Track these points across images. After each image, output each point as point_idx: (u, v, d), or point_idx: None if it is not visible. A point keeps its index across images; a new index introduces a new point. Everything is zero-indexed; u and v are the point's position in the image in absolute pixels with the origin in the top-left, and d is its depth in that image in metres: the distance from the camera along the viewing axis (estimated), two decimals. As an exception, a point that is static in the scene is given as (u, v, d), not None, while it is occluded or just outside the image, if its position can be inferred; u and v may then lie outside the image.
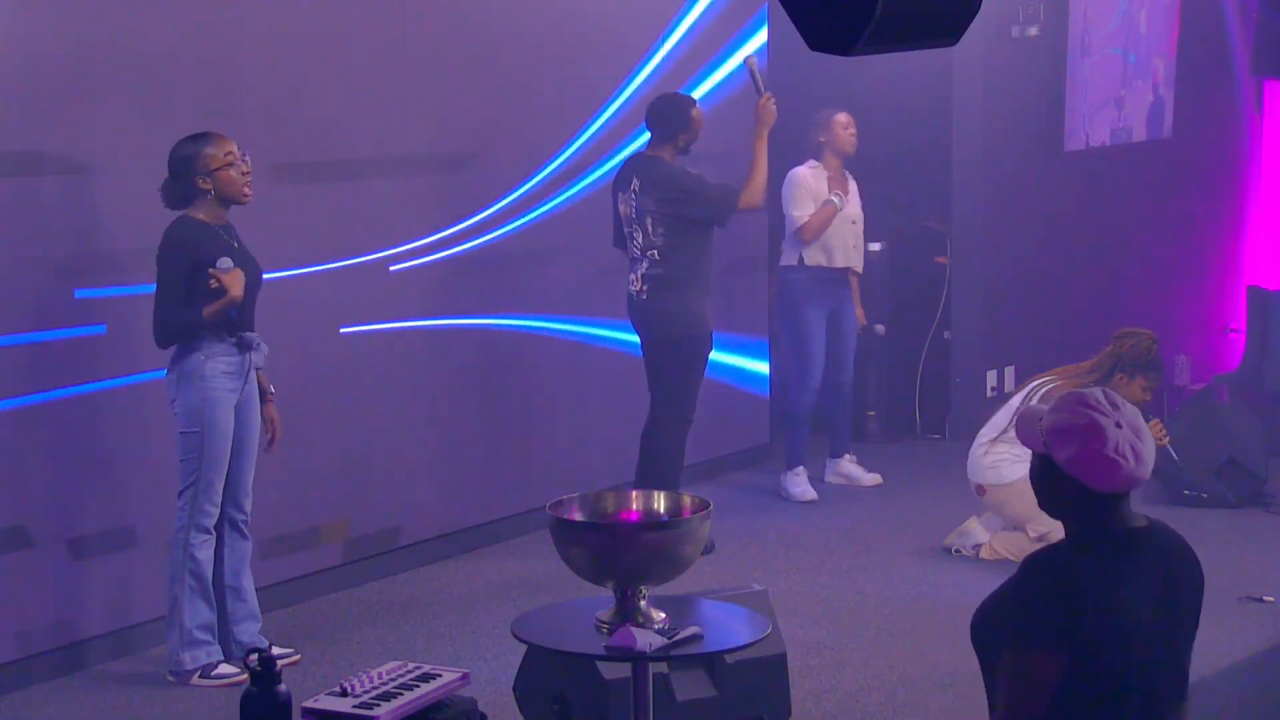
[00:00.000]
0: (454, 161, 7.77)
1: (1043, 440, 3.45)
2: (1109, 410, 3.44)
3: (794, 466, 8.92)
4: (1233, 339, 11.05)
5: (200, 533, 6.20)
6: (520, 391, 8.01)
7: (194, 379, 6.13)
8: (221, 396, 6.16)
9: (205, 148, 6.11)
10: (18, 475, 6.25)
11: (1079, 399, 3.47)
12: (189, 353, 6.14)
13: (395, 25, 7.42)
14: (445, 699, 5.04)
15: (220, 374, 6.16)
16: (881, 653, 6.66)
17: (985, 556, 7.79)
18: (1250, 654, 6.63)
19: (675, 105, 7.78)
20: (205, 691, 6.22)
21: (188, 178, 6.11)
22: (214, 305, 6.08)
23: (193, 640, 6.24)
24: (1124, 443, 3.40)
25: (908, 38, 3.54)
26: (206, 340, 6.13)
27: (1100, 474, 3.41)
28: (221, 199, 6.16)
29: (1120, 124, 10.40)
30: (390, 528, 7.58)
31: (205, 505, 6.20)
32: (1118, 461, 3.39)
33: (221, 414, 6.17)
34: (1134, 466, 3.41)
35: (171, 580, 6.23)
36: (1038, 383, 7.59)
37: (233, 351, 6.19)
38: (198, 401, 6.14)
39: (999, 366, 10.05)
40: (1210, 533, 8.06)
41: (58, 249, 6.34)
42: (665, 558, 4.57)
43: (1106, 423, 3.42)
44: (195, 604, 6.22)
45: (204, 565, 6.22)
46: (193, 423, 6.15)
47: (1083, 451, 3.40)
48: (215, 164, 6.11)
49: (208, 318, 6.08)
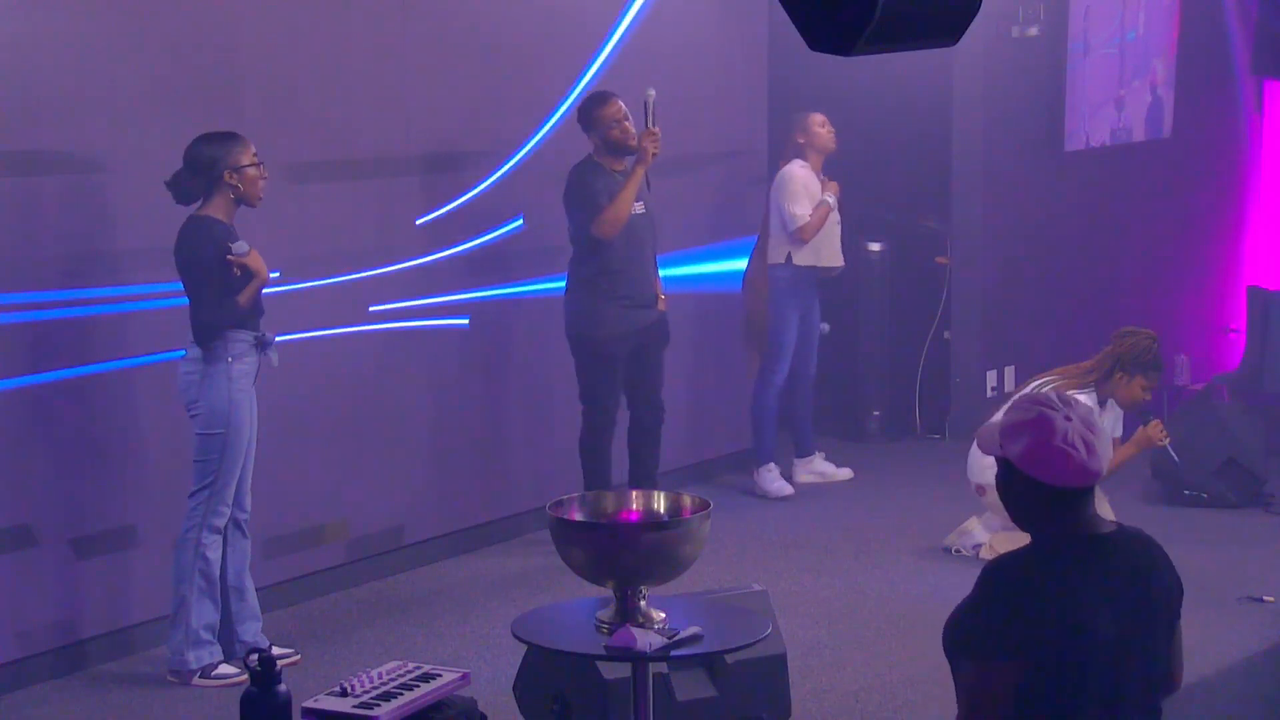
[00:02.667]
0: (454, 162, 7.77)
1: (998, 442, 3.49)
2: (1058, 406, 3.50)
3: (765, 463, 8.93)
4: (1233, 339, 11.04)
5: (212, 533, 6.23)
6: (521, 392, 8.00)
7: (221, 380, 6.15)
8: (244, 399, 6.20)
9: (235, 146, 6.15)
10: (19, 475, 6.26)
11: (1030, 399, 3.55)
12: (219, 353, 6.14)
13: (395, 25, 7.43)
14: (445, 699, 5.04)
15: (244, 375, 6.20)
16: (881, 653, 6.66)
17: (985, 556, 7.78)
18: (1250, 654, 6.64)
19: (583, 105, 7.75)
20: (205, 691, 6.23)
21: (210, 174, 6.13)
22: (247, 289, 6.11)
23: (198, 640, 6.25)
24: (1073, 434, 3.44)
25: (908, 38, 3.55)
26: (233, 341, 6.15)
27: (1052, 466, 3.44)
28: (240, 199, 6.18)
29: (1120, 124, 10.41)
30: (391, 528, 7.58)
31: (219, 507, 6.22)
32: (1067, 452, 3.43)
33: (245, 417, 6.20)
34: (1085, 457, 3.44)
35: (179, 580, 6.24)
36: (1037, 383, 7.58)
37: (253, 353, 6.21)
38: (224, 404, 6.15)
39: (999, 366, 10.05)
40: (1210, 533, 8.07)
41: (59, 249, 6.34)
42: (665, 558, 4.58)
43: (1055, 415, 3.47)
44: (203, 604, 6.24)
45: (214, 566, 6.25)
46: (216, 424, 6.16)
47: (1033, 444, 3.45)
48: (245, 160, 6.16)
49: (244, 304, 6.12)
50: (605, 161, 7.65)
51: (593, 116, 7.68)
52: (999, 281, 10.05)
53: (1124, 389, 7.38)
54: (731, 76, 9.07)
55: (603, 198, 7.56)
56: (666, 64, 8.53)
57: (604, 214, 7.54)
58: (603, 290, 7.65)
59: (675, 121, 8.64)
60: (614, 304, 7.66)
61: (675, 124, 8.64)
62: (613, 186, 7.59)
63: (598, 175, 7.62)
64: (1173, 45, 10.64)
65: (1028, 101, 9.95)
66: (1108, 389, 7.40)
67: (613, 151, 7.66)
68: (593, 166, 7.66)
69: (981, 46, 9.48)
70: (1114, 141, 10.39)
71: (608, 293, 7.65)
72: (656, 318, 7.83)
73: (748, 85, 9.19)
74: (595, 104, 7.71)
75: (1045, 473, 3.44)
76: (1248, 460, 8.72)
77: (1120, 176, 10.50)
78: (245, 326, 6.19)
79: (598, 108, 7.69)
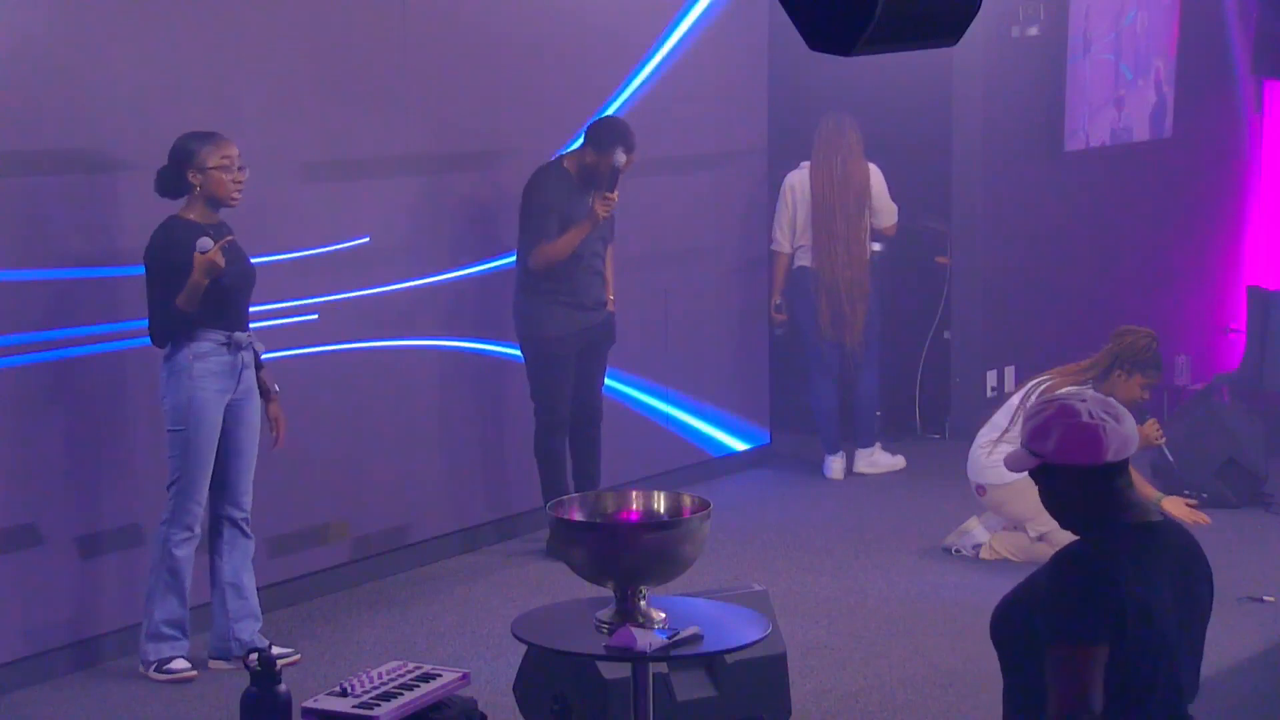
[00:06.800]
0: (454, 162, 7.77)
1: (1027, 451, 3.51)
2: (1071, 396, 3.59)
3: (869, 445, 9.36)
4: (1233, 339, 11.04)
5: (182, 530, 6.23)
6: (522, 391, 8.00)
7: (182, 378, 6.17)
8: (209, 397, 6.19)
9: (205, 146, 6.16)
10: (28, 473, 6.28)
11: (1042, 404, 3.62)
12: (177, 352, 6.18)
13: (395, 25, 7.43)
14: (445, 699, 5.05)
15: (209, 374, 6.19)
16: (881, 653, 6.66)
17: (985, 556, 7.79)
18: (1250, 654, 6.64)
19: (597, 130, 7.63)
20: (207, 690, 6.24)
21: (181, 170, 6.16)
22: (183, 292, 6.05)
23: (158, 634, 6.29)
24: (1096, 410, 3.51)
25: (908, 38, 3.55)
26: (197, 340, 6.16)
27: (1086, 445, 3.48)
28: (209, 199, 6.18)
29: (1120, 124, 10.41)
30: (391, 528, 7.58)
31: (188, 503, 6.23)
32: (1098, 426, 3.48)
33: (208, 414, 6.20)
34: (1115, 425, 3.50)
35: (150, 571, 6.28)
36: (1035, 382, 7.59)
37: (223, 352, 6.21)
38: (184, 400, 6.17)
39: (999, 366, 10.05)
40: (1210, 533, 8.06)
41: (63, 249, 6.35)
42: (665, 558, 4.58)
43: (1072, 401, 3.54)
44: (167, 599, 6.27)
45: (182, 562, 6.25)
46: (178, 421, 6.19)
47: (1063, 432, 3.49)
48: (211, 163, 6.15)
49: (182, 305, 6.07)
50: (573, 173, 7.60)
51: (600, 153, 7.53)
52: (999, 281, 10.05)
53: (1122, 387, 7.37)
54: (731, 76, 9.07)
55: (551, 223, 7.52)
56: (666, 64, 8.54)
57: (542, 251, 7.54)
58: (544, 292, 7.65)
59: (675, 121, 8.66)
60: (557, 305, 7.65)
61: (675, 124, 8.66)
62: (567, 205, 7.52)
63: (558, 188, 7.54)
64: (1173, 45, 10.64)
65: (1028, 101, 9.95)
66: (1106, 387, 7.39)
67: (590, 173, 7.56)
68: (557, 173, 7.62)
69: (981, 46, 9.48)
70: (1114, 141, 10.39)
71: (549, 295, 7.64)
72: (603, 319, 7.81)
73: (748, 85, 9.19)
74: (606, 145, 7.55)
75: (1084, 454, 3.48)
76: (1248, 460, 8.72)
77: (1120, 176, 10.50)
78: (217, 327, 6.18)
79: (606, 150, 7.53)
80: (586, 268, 7.68)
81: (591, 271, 7.71)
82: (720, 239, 9.13)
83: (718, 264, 9.13)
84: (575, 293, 7.67)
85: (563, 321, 7.66)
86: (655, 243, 8.54)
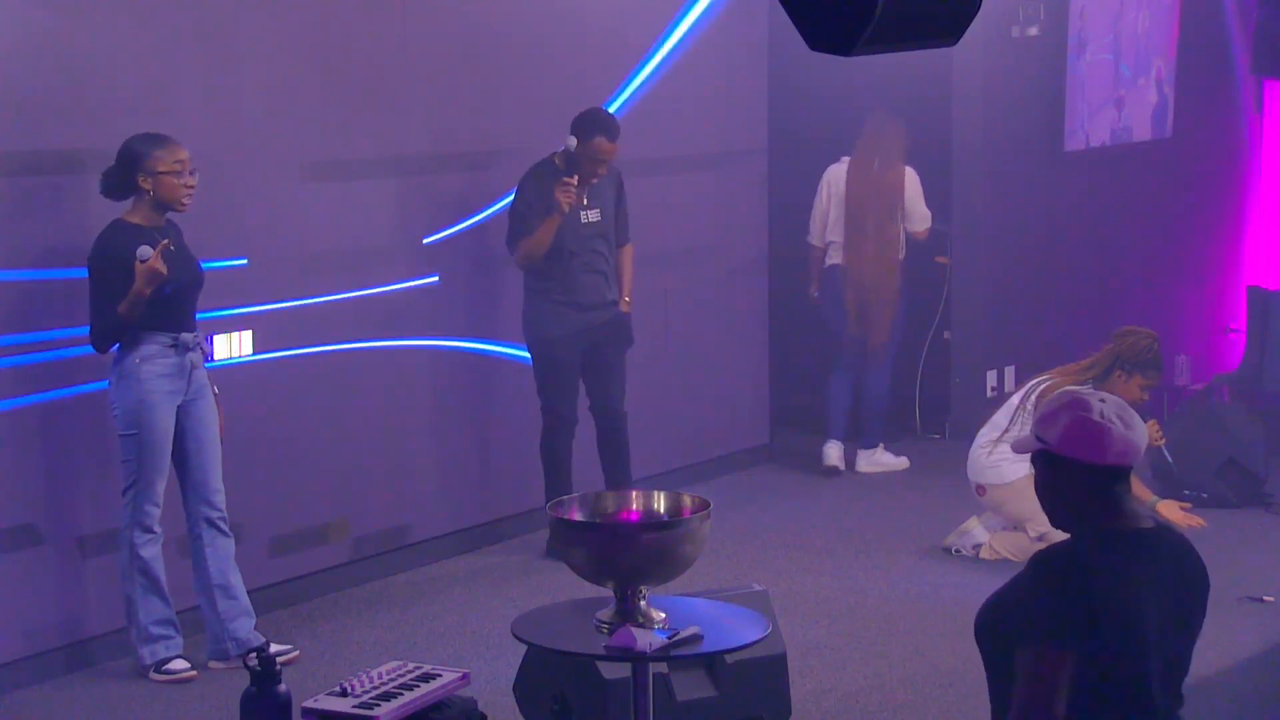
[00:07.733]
0: (454, 162, 7.77)
1: (1034, 435, 3.50)
2: (1089, 393, 3.57)
3: (873, 445, 9.37)
4: (1233, 339, 11.04)
5: (144, 532, 6.23)
6: (522, 391, 8.00)
7: (130, 381, 6.15)
8: (159, 399, 6.18)
9: (156, 149, 6.11)
10: (25, 474, 6.28)
11: (1059, 393, 3.62)
12: (125, 356, 6.16)
13: (394, 25, 7.43)
14: (445, 699, 5.05)
15: (157, 376, 6.17)
16: (881, 653, 6.66)
17: (985, 556, 7.79)
18: (1250, 654, 6.64)
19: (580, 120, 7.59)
20: (207, 690, 6.24)
21: (130, 172, 6.12)
22: (126, 298, 6.03)
23: (150, 635, 6.29)
24: (1109, 411, 3.49)
25: (908, 38, 3.55)
26: (143, 343, 6.14)
27: (1093, 442, 3.46)
28: (158, 203, 6.16)
29: (1120, 124, 10.40)
30: (392, 527, 7.58)
31: (146, 506, 6.22)
32: (1106, 426, 3.47)
33: (159, 416, 6.18)
34: (1124, 430, 3.47)
35: (123, 578, 6.28)
36: (1035, 382, 7.59)
37: (170, 354, 6.20)
38: (134, 404, 6.15)
39: (999, 366, 10.05)
40: (1210, 533, 8.05)
41: (62, 249, 6.34)
42: (665, 558, 4.57)
43: (1088, 397, 3.53)
44: (149, 600, 6.27)
45: (151, 563, 6.24)
46: (130, 425, 6.18)
47: (1071, 423, 3.48)
48: (162, 167, 6.11)
49: (124, 312, 6.04)
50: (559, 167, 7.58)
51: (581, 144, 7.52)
52: (999, 281, 10.04)
53: (1122, 388, 7.37)
54: (731, 76, 9.07)
55: (531, 218, 7.52)
56: (666, 64, 8.54)
57: (521, 245, 7.55)
58: (541, 292, 7.65)
59: (675, 121, 8.66)
60: (554, 305, 7.65)
61: (675, 124, 8.66)
62: (551, 199, 7.47)
63: (542, 183, 7.51)
64: (1173, 45, 10.64)
65: (1028, 101, 9.95)
66: (1106, 387, 7.38)
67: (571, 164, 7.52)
68: (544, 168, 7.60)
69: (981, 46, 9.48)
70: (1114, 141, 10.39)
71: (546, 294, 7.65)
72: (610, 318, 7.79)
73: (748, 85, 9.19)
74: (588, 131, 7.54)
75: (1087, 451, 3.46)
76: (1248, 460, 8.72)
77: (1120, 176, 10.49)
78: (163, 329, 6.16)
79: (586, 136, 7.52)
80: (584, 266, 7.68)
81: (590, 270, 7.71)
82: (720, 239, 9.14)
83: (718, 264, 9.13)
84: (572, 292, 7.66)
85: (561, 321, 7.66)
86: (655, 243, 8.53)
